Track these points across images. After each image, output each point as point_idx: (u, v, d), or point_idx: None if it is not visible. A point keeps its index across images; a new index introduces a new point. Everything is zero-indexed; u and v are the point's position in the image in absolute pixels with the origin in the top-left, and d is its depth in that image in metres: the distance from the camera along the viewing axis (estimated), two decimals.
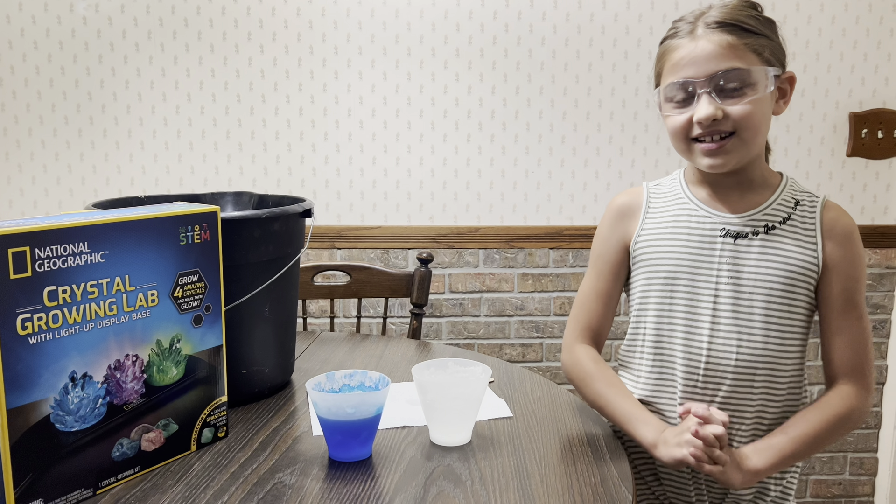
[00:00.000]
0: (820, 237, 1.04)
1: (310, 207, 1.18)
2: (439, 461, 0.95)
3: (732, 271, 1.05)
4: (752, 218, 1.06)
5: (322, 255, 2.12)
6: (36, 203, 2.07)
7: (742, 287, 1.04)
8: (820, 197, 1.07)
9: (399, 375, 1.27)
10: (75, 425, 0.84)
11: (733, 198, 1.07)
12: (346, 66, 2.04)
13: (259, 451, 0.98)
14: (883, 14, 2.05)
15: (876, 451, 2.25)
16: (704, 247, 1.07)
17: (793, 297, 1.03)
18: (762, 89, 1.00)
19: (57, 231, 0.80)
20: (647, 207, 1.13)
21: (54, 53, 2.00)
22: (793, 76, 1.05)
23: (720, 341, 1.05)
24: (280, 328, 1.18)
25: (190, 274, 0.95)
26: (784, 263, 1.03)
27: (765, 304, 1.03)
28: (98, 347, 0.85)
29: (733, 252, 1.05)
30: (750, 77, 0.99)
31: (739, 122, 1.00)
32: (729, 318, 1.04)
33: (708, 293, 1.05)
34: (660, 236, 1.10)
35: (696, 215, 1.08)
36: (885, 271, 2.17)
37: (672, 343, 1.08)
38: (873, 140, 2.10)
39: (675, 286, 1.08)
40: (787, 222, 1.05)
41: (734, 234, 1.06)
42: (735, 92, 1.00)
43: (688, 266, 1.07)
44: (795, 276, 1.03)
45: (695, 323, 1.06)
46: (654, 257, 1.10)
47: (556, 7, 2.03)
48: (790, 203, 1.06)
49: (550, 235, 2.12)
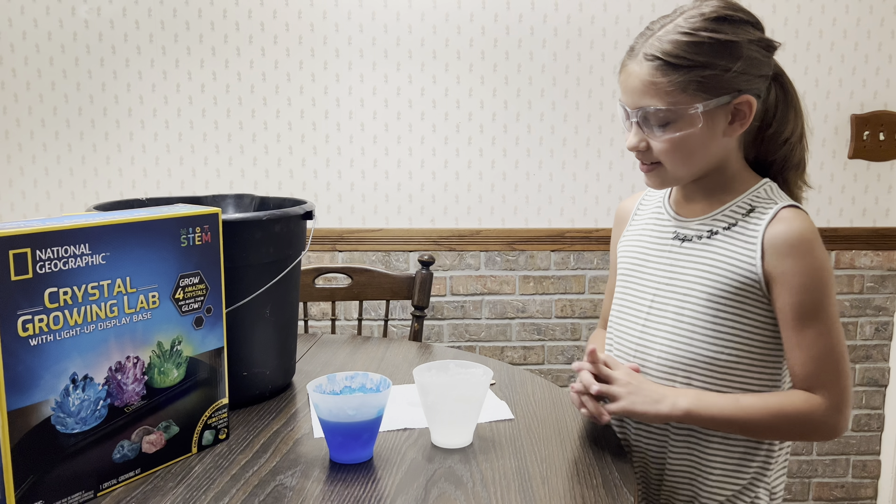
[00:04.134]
0: (759, 248, 0.99)
1: (311, 210, 1.18)
2: (440, 463, 0.95)
3: (672, 273, 1.07)
4: (701, 222, 1.06)
5: (323, 257, 2.12)
6: (38, 206, 2.07)
7: (676, 289, 1.06)
8: (780, 207, 1.00)
9: (400, 378, 1.26)
10: (76, 427, 0.84)
11: (697, 202, 1.09)
12: (348, 69, 2.04)
13: (260, 454, 0.98)
14: (884, 16, 2.05)
15: (878, 453, 2.24)
16: (655, 249, 1.11)
17: (725, 304, 1.01)
18: (688, 126, 0.97)
19: (58, 233, 0.80)
20: (636, 213, 1.19)
21: (56, 57, 2.01)
22: (747, 100, 0.98)
23: (647, 339, 1.08)
24: (281, 330, 1.18)
25: (191, 276, 0.95)
26: (716, 270, 1.02)
27: (695, 308, 1.03)
28: (99, 349, 0.85)
29: (677, 255, 1.07)
30: (671, 116, 0.97)
31: (661, 156, 1.01)
32: (659, 318, 1.07)
33: (647, 293, 1.10)
34: (633, 241, 1.16)
35: (662, 219, 1.13)
36: (888, 273, 2.17)
37: (617, 339, 1.14)
38: (875, 142, 2.10)
39: (625, 286, 1.14)
40: (732, 229, 1.02)
41: (682, 237, 1.08)
42: (660, 126, 0.99)
43: (639, 267, 1.12)
44: (726, 283, 1.01)
45: (631, 321, 1.11)
46: (623, 259, 1.16)
47: (556, 9, 2.03)
48: (742, 210, 1.03)
49: (552, 238, 2.11)
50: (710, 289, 1.02)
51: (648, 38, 1.00)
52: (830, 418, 0.97)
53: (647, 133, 1.01)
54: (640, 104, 0.99)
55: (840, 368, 0.98)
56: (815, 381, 0.97)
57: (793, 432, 1.00)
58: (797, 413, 0.97)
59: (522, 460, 0.96)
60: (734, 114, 0.99)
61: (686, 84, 0.96)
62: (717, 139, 1.00)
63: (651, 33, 1.00)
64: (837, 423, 0.97)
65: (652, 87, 0.97)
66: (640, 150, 1.03)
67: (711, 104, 0.97)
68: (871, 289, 2.17)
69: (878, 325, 2.19)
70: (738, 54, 0.97)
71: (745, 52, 0.97)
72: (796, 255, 0.97)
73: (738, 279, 1.00)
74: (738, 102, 0.98)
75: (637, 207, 1.20)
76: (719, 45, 0.96)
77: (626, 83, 1.01)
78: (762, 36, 1.01)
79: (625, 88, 1.02)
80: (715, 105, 0.97)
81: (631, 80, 1.00)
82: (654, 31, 1.00)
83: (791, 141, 1.06)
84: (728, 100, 0.98)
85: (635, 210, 1.20)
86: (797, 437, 1.03)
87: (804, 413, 0.97)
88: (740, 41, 0.97)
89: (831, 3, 2.05)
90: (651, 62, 0.97)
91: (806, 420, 0.97)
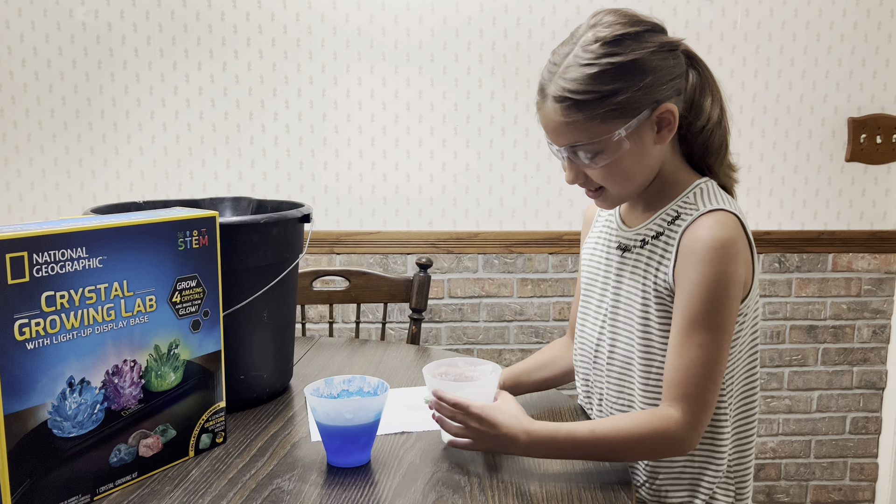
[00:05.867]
0: (674, 255, 0.99)
1: (308, 212, 1.18)
2: (438, 467, 0.95)
3: (617, 282, 1.08)
4: (637, 232, 1.07)
5: (321, 260, 2.12)
6: (35, 208, 2.06)
7: (620, 298, 1.07)
8: (700, 213, 0.98)
9: (398, 381, 1.26)
10: (73, 431, 0.84)
11: (638, 210, 1.10)
12: (346, 72, 2.04)
13: (257, 457, 0.98)
14: (881, 20, 2.06)
15: (876, 456, 2.24)
16: (604, 257, 1.13)
17: (653, 312, 1.01)
18: (615, 150, 0.97)
19: (55, 236, 0.80)
20: (596, 219, 1.20)
21: (53, 59, 2.00)
22: (667, 109, 0.97)
23: (602, 346, 1.10)
24: (279, 333, 1.18)
25: (188, 279, 0.95)
26: (643, 278, 1.03)
27: (630, 315, 1.05)
28: (96, 353, 0.85)
29: (620, 264, 1.09)
30: (597, 147, 0.97)
31: (601, 182, 1.02)
32: (610, 326, 1.08)
33: (603, 300, 1.11)
34: (590, 248, 1.18)
35: (611, 228, 1.14)
36: (885, 276, 2.17)
37: (579, 345, 1.16)
38: (872, 145, 2.10)
39: (585, 293, 1.16)
40: (660, 237, 1.03)
41: (623, 247, 1.09)
42: (589, 158, 0.98)
43: (594, 274, 1.14)
44: (652, 291, 1.01)
45: (590, 327, 1.13)
46: (583, 266, 1.18)
47: (554, 12, 2.04)
48: (669, 218, 1.03)
49: (549, 240, 2.12)
50: (642, 297, 1.03)
51: (554, 75, 0.98)
52: (683, 434, 0.94)
53: (581, 165, 1.01)
54: (562, 142, 0.99)
55: (706, 384, 0.95)
56: (679, 391, 0.95)
57: (649, 452, 0.98)
58: (651, 432, 0.94)
59: (520, 463, 0.96)
60: (659, 123, 0.98)
61: (602, 115, 0.95)
62: (649, 152, 1.00)
63: (556, 69, 0.98)
64: (690, 439, 0.95)
65: (569, 125, 0.97)
66: (578, 182, 1.04)
67: (633, 124, 0.96)
68: (869, 292, 2.17)
69: (876, 328, 2.19)
70: (644, 70, 0.95)
71: (651, 64, 0.95)
72: (697, 261, 0.95)
73: (659, 287, 1.01)
74: (659, 113, 0.97)
75: (598, 213, 1.20)
76: (622, 68, 0.94)
77: (545, 124, 1.01)
78: (663, 40, 0.98)
79: (545, 128, 1.01)
80: (637, 124, 0.96)
81: (548, 121, 1.00)
82: (559, 66, 0.98)
83: (708, 127, 1.03)
84: (648, 114, 0.96)
85: (596, 216, 1.20)
86: (653, 456, 1.01)
87: (658, 432, 0.94)
88: (643, 56, 0.95)
89: (828, 7, 2.05)
90: (561, 103, 0.96)
91: (659, 438, 0.94)
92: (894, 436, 2.19)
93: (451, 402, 0.95)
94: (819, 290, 2.16)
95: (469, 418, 0.94)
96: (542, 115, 1.01)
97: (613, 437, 0.94)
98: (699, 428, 0.95)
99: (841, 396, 2.22)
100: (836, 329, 2.19)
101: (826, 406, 2.22)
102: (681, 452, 0.97)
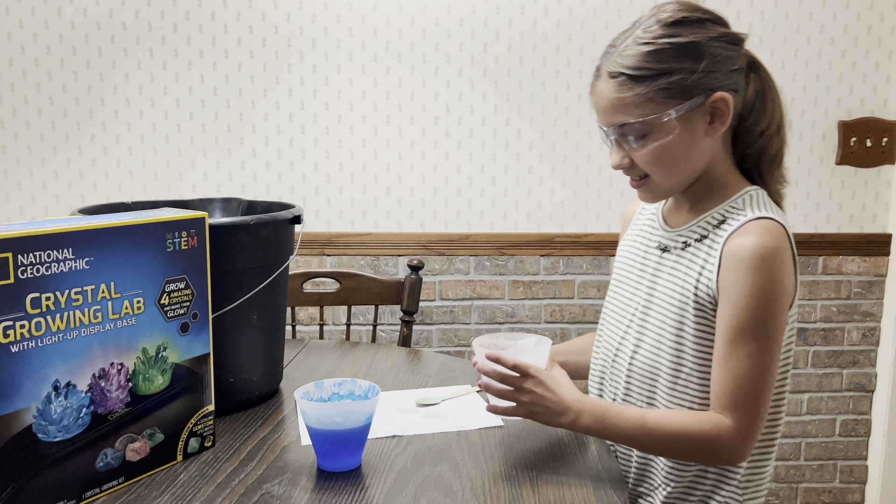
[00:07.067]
0: (718, 260, 0.97)
1: (299, 214, 1.17)
2: (430, 471, 0.94)
3: (652, 284, 1.07)
4: (679, 233, 1.06)
5: (311, 261, 2.11)
6: (22, 208, 2.04)
7: (653, 300, 1.06)
8: (747, 220, 0.96)
9: (389, 384, 1.25)
10: (58, 435, 0.82)
11: (683, 211, 1.08)
12: (337, 72, 2.03)
13: (246, 461, 0.96)
14: (871, 24, 2.07)
15: (866, 458, 2.25)
16: (641, 257, 1.11)
17: (688, 317, 0.99)
18: (664, 133, 0.96)
19: (41, 237, 0.78)
20: (636, 218, 1.19)
21: (41, 58, 1.98)
22: (722, 97, 0.96)
23: (623, 347, 1.08)
24: (268, 336, 1.17)
25: (177, 281, 0.94)
26: (682, 282, 1.01)
27: (663, 318, 1.03)
28: (82, 356, 0.84)
29: (657, 265, 1.07)
30: (645, 128, 0.96)
31: (646, 168, 1.00)
32: (637, 327, 1.07)
33: (631, 301, 1.10)
34: (626, 247, 1.17)
35: (653, 227, 1.12)
36: (874, 279, 2.18)
37: (600, 345, 1.15)
38: (862, 148, 2.11)
39: (613, 292, 1.15)
40: (703, 241, 1.01)
41: (663, 247, 1.08)
42: (637, 140, 0.98)
43: (627, 274, 1.13)
44: (690, 296, 0.99)
45: (613, 327, 1.12)
46: (616, 265, 1.18)
47: (546, 14, 2.03)
48: (714, 222, 1.01)
49: (541, 243, 2.11)
50: (677, 301, 1.01)
51: (611, 55, 0.99)
52: (735, 445, 0.93)
53: (628, 149, 1.00)
54: (612, 122, 0.99)
55: (759, 397, 0.93)
56: (729, 402, 0.93)
57: (695, 455, 0.96)
58: (701, 435, 0.93)
59: (512, 468, 0.95)
60: (712, 113, 0.98)
61: (653, 93, 0.95)
62: (699, 142, 0.99)
63: (614, 50, 0.99)
64: (742, 451, 0.94)
65: (620, 102, 0.97)
66: (624, 167, 1.02)
67: (684, 108, 0.96)
68: (858, 294, 2.18)
69: (865, 331, 2.20)
70: (702, 54, 0.95)
71: (709, 50, 0.96)
72: (745, 269, 0.93)
73: (698, 292, 0.99)
74: (712, 101, 0.97)
75: (638, 212, 1.19)
76: (679, 49, 0.95)
77: (597, 103, 1.01)
78: (725, 31, 0.99)
79: (597, 109, 1.02)
80: (688, 108, 0.96)
81: (600, 100, 1.00)
82: (617, 47, 0.99)
83: (768, 133, 1.03)
84: (702, 100, 0.96)
85: (636, 215, 1.19)
86: (699, 460, 0.99)
87: (709, 436, 0.93)
88: (701, 40, 0.96)
89: (819, 11, 2.06)
90: (615, 79, 0.97)
91: (709, 444, 0.93)
92: (884, 438, 2.20)
93: (510, 364, 0.95)
94: (809, 292, 2.17)
95: (525, 381, 0.95)
96: (594, 95, 1.01)
97: (663, 429, 0.93)
98: (750, 440, 0.93)
99: (831, 399, 2.22)
100: (826, 332, 2.19)
101: (816, 408, 2.22)
102: (730, 463, 0.95)
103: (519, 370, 0.95)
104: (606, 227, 2.12)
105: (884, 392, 2.20)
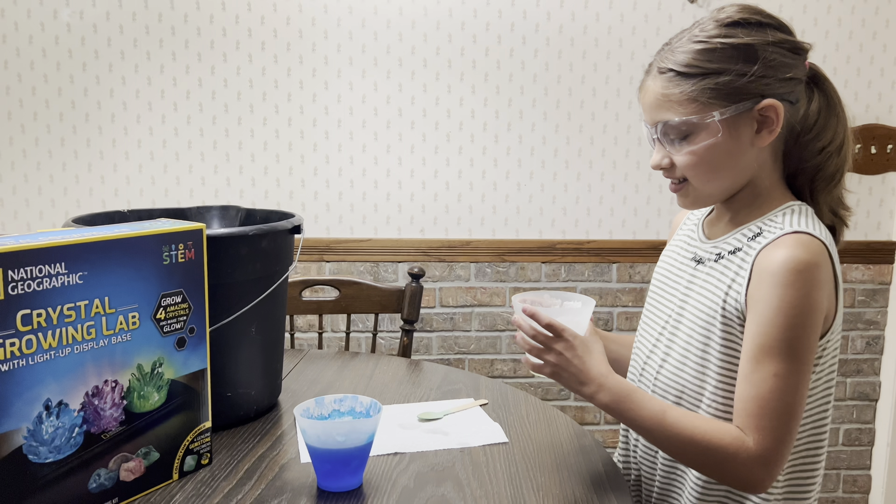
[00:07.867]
0: (748, 274, 0.92)
1: (299, 224, 1.14)
2: (433, 491, 0.91)
3: (685, 296, 1.03)
4: (715, 244, 1.02)
5: (310, 268, 2.08)
6: (16, 213, 2.01)
7: (685, 312, 1.02)
8: (783, 233, 0.91)
9: (390, 397, 1.23)
10: (49, 456, 0.79)
11: (722, 223, 1.04)
12: (337, 77, 2.00)
13: (244, 480, 0.94)
14: (876, 30, 2.05)
15: (869, 468, 2.23)
16: (678, 268, 1.08)
17: (715, 331, 0.95)
18: (708, 136, 0.92)
19: (32, 251, 0.76)
20: (680, 227, 1.16)
21: (37, 60, 1.96)
22: (772, 105, 0.92)
23: (653, 358, 1.06)
24: (267, 349, 1.14)
25: (173, 295, 0.91)
26: (712, 295, 0.97)
27: (690, 334, 0.99)
28: (75, 373, 0.81)
29: (691, 277, 1.04)
30: (689, 127, 0.93)
31: (685, 171, 0.97)
32: (667, 339, 1.04)
33: (663, 312, 1.07)
34: (666, 257, 1.14)
35: (690, 238, 1.10)
36: (879, 287, 2.16)
37: (633, 354, 1.13)
38: (866, 155, 2.09)
39: (649, 302, 1.13)
40: (737, 253, 0.96)
41: (698, 259, 1.04)
42: (679, 140, 0.95)
43: (662, 284, 1.10)
44: (717, 310, 0.95)
45: (646, 338, 1.10)
46: (655, 274, 1.15)
47: (549, 18, 2.01)
48: (750, 234, 0.96)
49: (542, 249, 2.09)
50: (706, 317, 0.97)
51: (664, 52, 0.97)
52: (753, 469, 0.87)
53: (669, 149, 0.96)
54: (656, 119, 0.96)
55: (785, 419, 0.87)
56: (752, 423, 0.87)
57: (709, 467, 0.90)
58: (720, 448, 0.87)
59: (518, 488, 0.93)
60: (760, 121, 0.93)
61: (700, 92, 0.92)
62: (744, 150, 0.94)
63: (668, 47, 0.97)
64: (760, 477, 0.87)
65: (665, 99, 0.94)
66: (663, 167, 0.98)
67: (730, 111, 0.92)
68: (863, 302, 2.16)
69: (869, 339, 2.18)
70: (755, 57, 0.91)
71: (764, 54, 0.91)
72: (775, 282, 0.87)
73: (726, 307, 0.94)
74: (761, 108, 0.92)
75: (684, 221, 1.15)
76: (732, 50, 0.92)
77: (644, 100, 0.99)
78: (785, 37, 0.94)
79: (643, 105, 0.99)
80: (735, 112, 0.92)
81: (647, 96, 0.97)
82: (671, 44, 0.97)
83: (828, 150, 0.97)
84: (750, 106, 0.92)
85: (682, 223, 1.15)
86: (713, 474, 0.91)
87: (727, 451, 0.87)
88: (756, 44, 0.92)
89: (823, 16, 2.04)
90: (664, 75, 0.95)
91: (726, 459, 0.87)
92: (887, 448, 2.18)
93: (544, 321, 0.93)
94: None
95: (557, 343, 0.93)
96: (642, 92, 0.99)
97: (681, 429, 0.89)
98: (772, 467, 0.87)
99: (834, 408, 2.20)
100: None
101: None
102: (746, 488, 0.90)
103: (553, 330, 0.93)
104: (609, 234, 2.10)
105: (888, 401, 2.18)
